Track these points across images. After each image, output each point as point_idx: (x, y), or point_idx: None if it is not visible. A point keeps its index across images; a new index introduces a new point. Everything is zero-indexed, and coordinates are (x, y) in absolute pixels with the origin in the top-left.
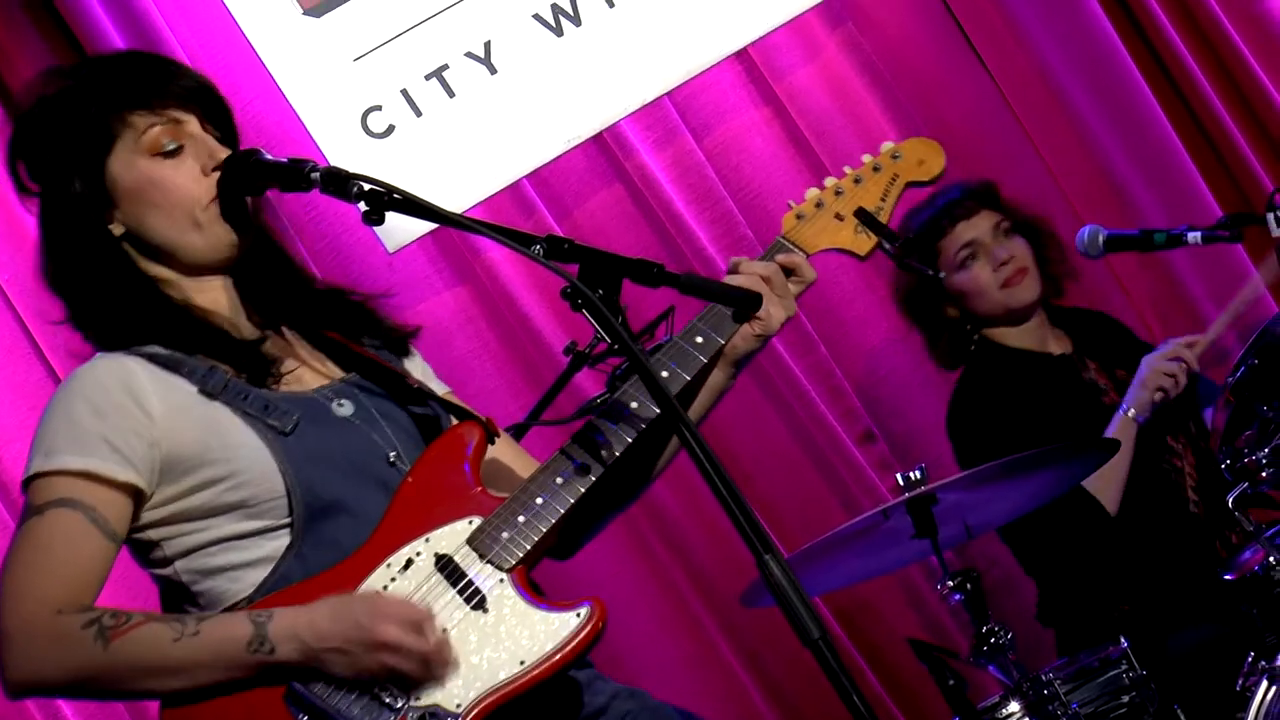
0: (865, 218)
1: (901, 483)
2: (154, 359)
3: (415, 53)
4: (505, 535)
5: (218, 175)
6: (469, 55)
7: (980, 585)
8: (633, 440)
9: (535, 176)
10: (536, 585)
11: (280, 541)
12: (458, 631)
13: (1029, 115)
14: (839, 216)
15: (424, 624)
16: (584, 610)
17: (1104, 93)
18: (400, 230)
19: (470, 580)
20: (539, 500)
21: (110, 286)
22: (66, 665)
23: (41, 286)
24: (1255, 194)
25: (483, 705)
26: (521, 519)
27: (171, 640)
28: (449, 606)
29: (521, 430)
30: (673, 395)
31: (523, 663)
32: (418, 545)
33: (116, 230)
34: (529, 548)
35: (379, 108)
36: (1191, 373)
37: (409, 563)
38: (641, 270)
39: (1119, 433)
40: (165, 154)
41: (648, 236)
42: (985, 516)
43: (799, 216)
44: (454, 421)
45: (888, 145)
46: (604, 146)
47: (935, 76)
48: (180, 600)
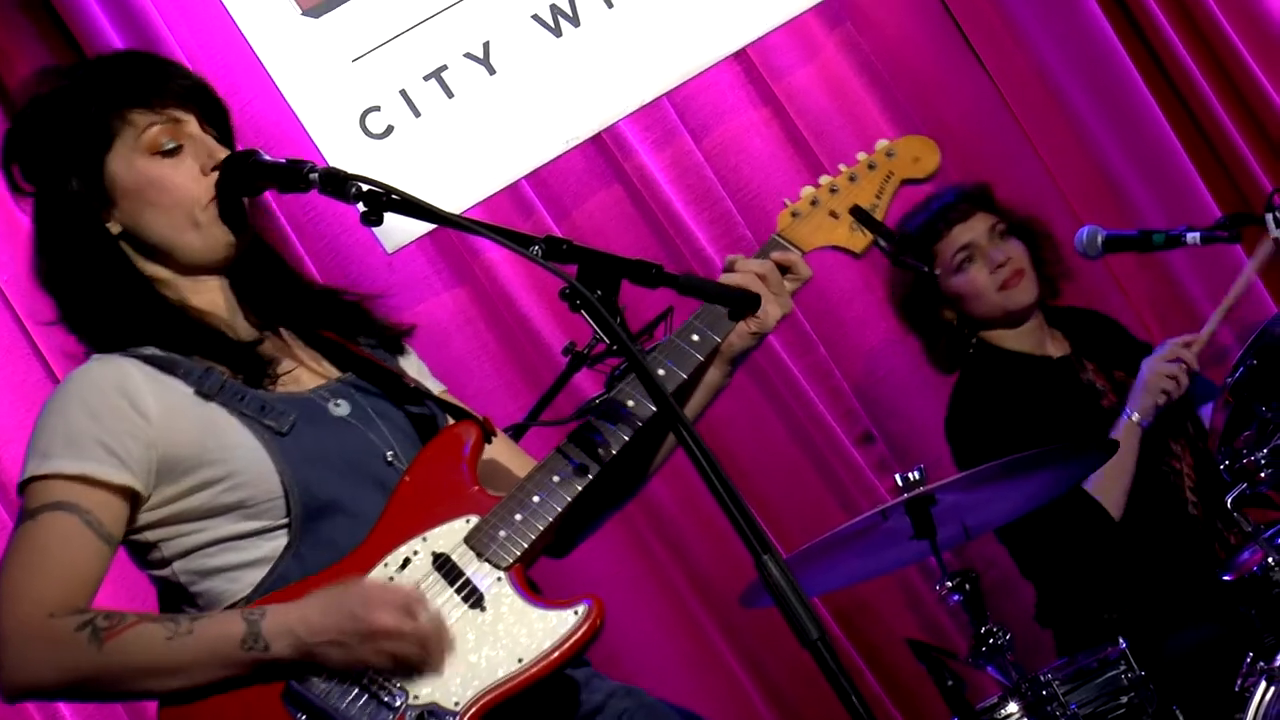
0: (861, 215)
1: (900, 483)
2: (150, 360)
3: (414, 53)
4: (502, 534)
5: (216, 175)
6: (468, 56)
7: (979, 586)
8: (629, 439)
9: (534, 177)
10: (534, 584)
11: (278, 542)
12: (455, 630)
13: (1027, 115)
14: (834, 214)
15: (414, 605)
16: (582, 608)
17: (1102, 93)
18: (399, 231)
19: (468, 579)
20: (536, 499)
21: (106, 285)
22: (61, 667)
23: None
24: (1254, 194)
25: (481, 703)
26: (519, 517)
27: (165, 639)
28: (447, 605)
29: (520, 431)
30: (669, 394)
31: (521, 660)
32: (415, 544)
33: (114, 229)
34: (526, 546)
35: (378, 108)
36: (1191, 372)
37: (406, 562)
38: (640, 271)
39: (1123, 437)
40: (164, 153)
41: (646, 237)
42: (984, 517)
43: (794, 214)
44: (450, 421)
45: (882, 143)
46: (603, 147)
47: (934, 76)
48: (178, 601)
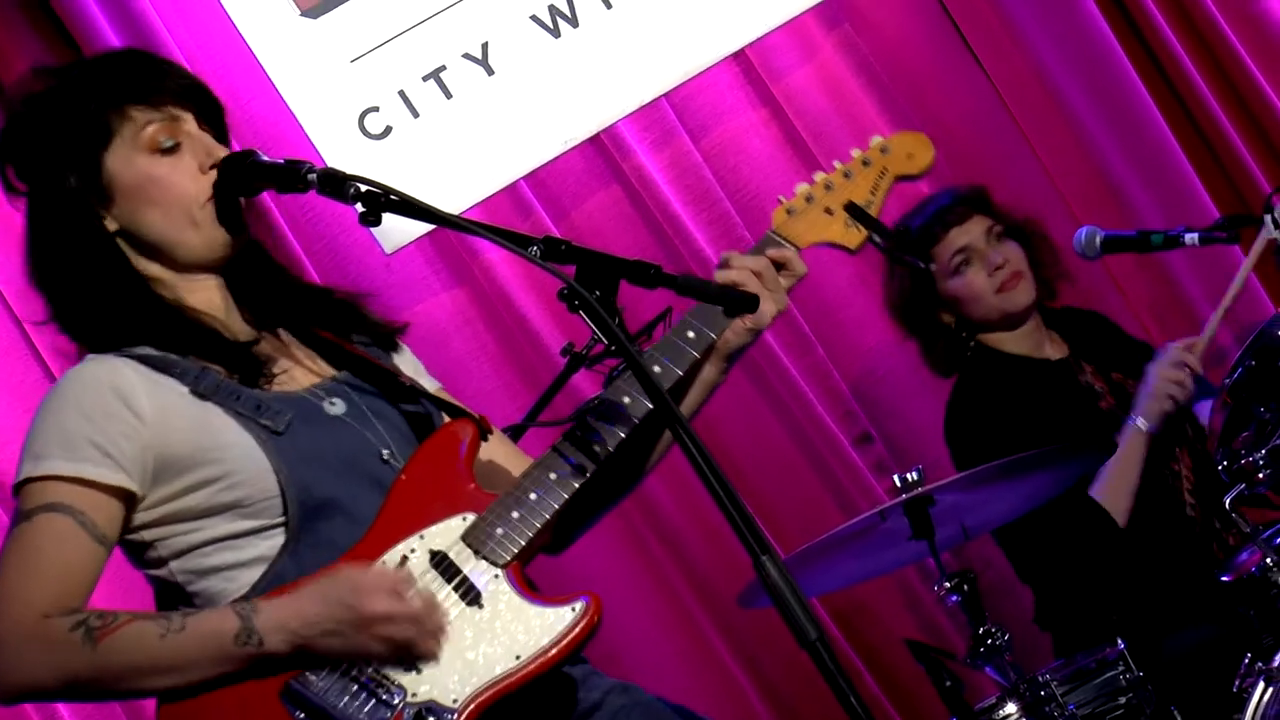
0: (855, 211)
1: (899, 484)
2: (145, 360)
3: (413, 54)
4: (500, 531)
5: (215, 173)
6: (466, 56)
7: (977, 586)
8: (626, 436)
9: (532, 177)
10: (531, 581)
11: (275, 541)
12: (453, 628)
13: (1026, 116)
14: (829, 211)
15: (402, 586)
16: (579, 604)
17: (1101, 93)
18: (397, 231)
19: (465, 576)
20: (533, 496)
21: (103, 283)
22: (56, 668)
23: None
24: (1252, 195)
25: (479, 700)
26: (516, 515)
27: (158, 637)
28: (444, 603)
29: (519, 431)
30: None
31: (518, 657)
32: (412, 542)
33: (111, 226)
34: (523, 544)
35: (376, 109)
36: (1195, 375)
37: (404, 560)
38: (639, 271)
39: (1130, 444)
40: (163, 151)
41: (645, 237)
42: (982, 518)
43: (789, 211)
44: (446, 419)
45: (876, 139)
46: (601, 148)
47: (932, 77)
48: (175, 601)
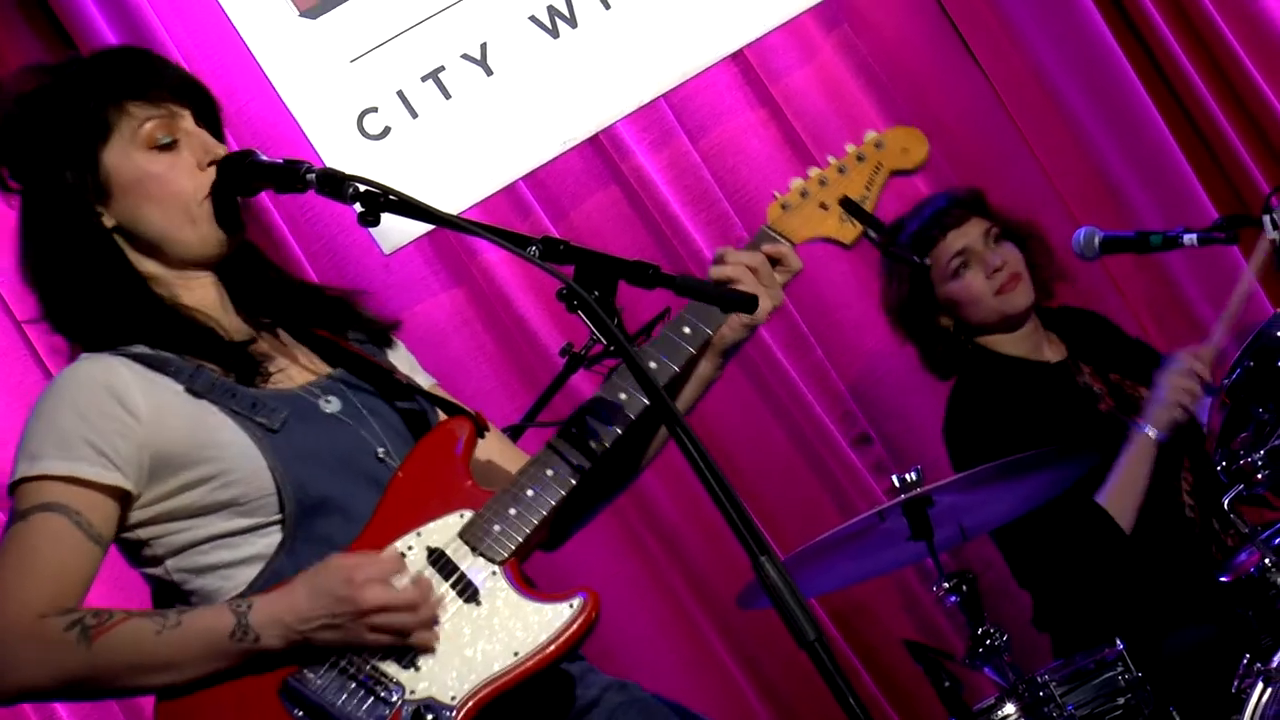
0: (850, 206)
1: (897, 485)
2: (140, 359)
3: (411, 54)
4: (497, 528)
5: (213, 170)
6: (465, 57)
7: (976, 587)
8: (622, 433)
9: (531, 178)
10: (529, 578)
11: (272, 539)
12: (451, 625)
13: (1024, 116)
14: (824, 205)
15: (392, 572)
16: (577, 601)
17: (1099, 93)
18: (396, 232)
19: (463, 574)
20: (530, 493)
21: (100, 281)
22: (53, 668)
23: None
24: (1251, 195)
25: (478, 697)
26: (513, 512)
27: (154, 634)
28: (442, 600)
29: (518, 432)
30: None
31: (517, 654)
32: (409, 540)
33: (108, 222)
34: (521, 540)
35: (375, 109)
36: (1205, 384)
37: (400, 557)
38: (637, 272)
39: (1138, 452)
40: (161, 147)
41: (643, 238)
42: (981, 519)
43: (784, 206)
44: (442, 416)
45: (871, 134)
46: (600, 148)
47: (931, 77)
48: (172, 599)
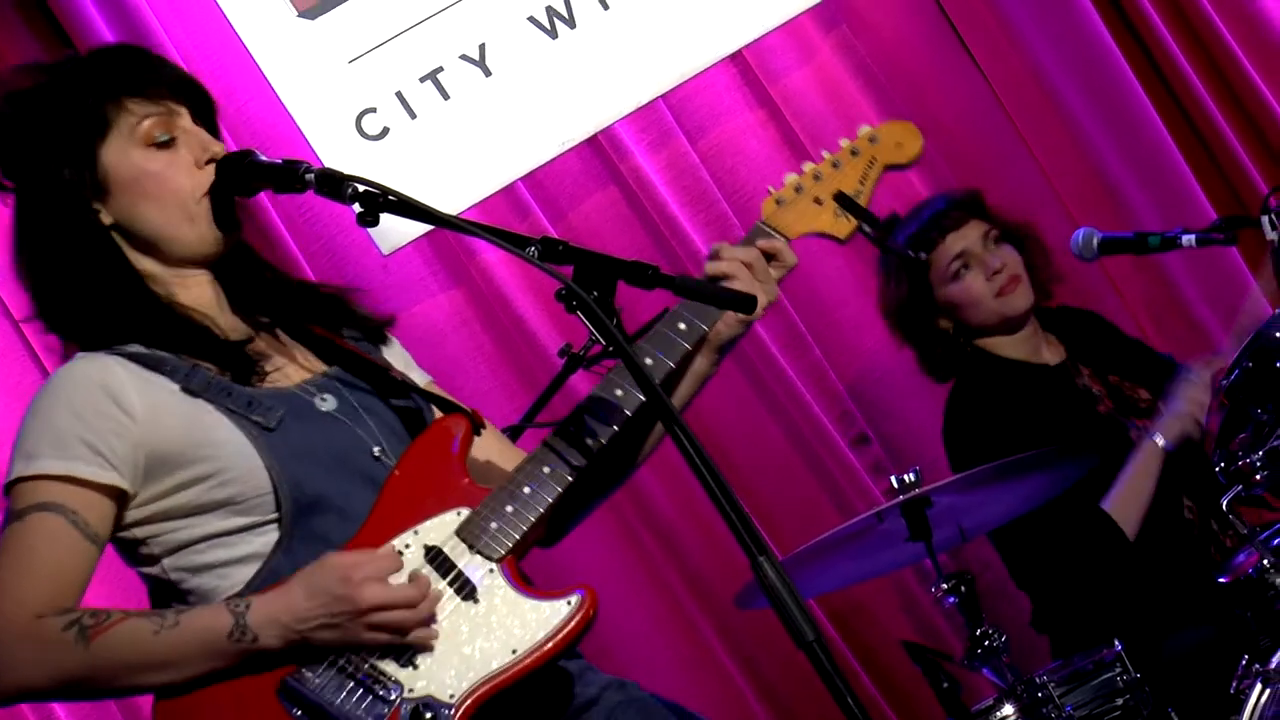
0: (845, 201)
1: (896, 485)
2: (135, 358)
3: (410, 55)
4: (494, 525)
5: (211, 168)
6: (464, 58)
7: (974, 588)
8: (619, 430)
9: (530, 179)
10: (526, 575)
11: (269, 537)
12: (449, 623)
13: (1023, 116)
14: (818, 201)
15: (388, 569)
16: (574, 598)
17: (1097, 94)
18: (395, 232)
19: (460, 571)
20: (526, 490)
21: (97, 279)
22: (50, 668)
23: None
24: (1250, 196)
25: (477, 695)
26: (510, 509)
27: (152, 634)
28: (440, 598)
29: (516, 432)
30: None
31: (514, 651)
32: (406, 538)
33: (105, 220)
34: (518, 538)
35: (374, 110)
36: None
37: (398, 556)
38: (636, 272)
39: (1145, 460)
40: (159, 145)
41: (642, 239)
42: (979, 519)
43: (778, 201)
44: (437, 413)
45: (865, 129)
46: (599, 149)
47: (929, 78)
48: (170, 598)
